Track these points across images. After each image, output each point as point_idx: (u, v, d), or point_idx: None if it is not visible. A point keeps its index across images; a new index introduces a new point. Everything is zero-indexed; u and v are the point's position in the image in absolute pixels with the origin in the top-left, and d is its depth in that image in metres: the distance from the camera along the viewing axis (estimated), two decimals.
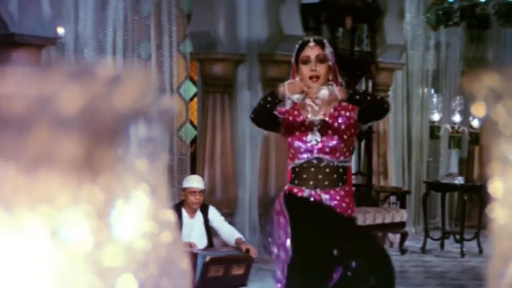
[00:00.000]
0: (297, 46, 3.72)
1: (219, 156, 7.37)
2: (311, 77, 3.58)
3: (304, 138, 3.69)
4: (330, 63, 3.63)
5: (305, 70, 3.61)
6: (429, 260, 8.18)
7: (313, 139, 3.68)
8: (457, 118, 8.63)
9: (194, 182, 6.31)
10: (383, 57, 8.82)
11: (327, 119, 3.69)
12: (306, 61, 3.62)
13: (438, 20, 8.14)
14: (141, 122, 0.61)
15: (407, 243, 8.52)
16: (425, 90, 10.15)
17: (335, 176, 3.69)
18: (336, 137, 3.65)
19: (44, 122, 0.49)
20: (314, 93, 3.57)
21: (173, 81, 7.70)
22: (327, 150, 3.66)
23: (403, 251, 8.40)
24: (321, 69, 3.59)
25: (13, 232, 0.50)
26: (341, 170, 3.71)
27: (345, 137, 3.67)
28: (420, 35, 9.85)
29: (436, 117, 8.74)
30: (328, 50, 3.66)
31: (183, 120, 7.92)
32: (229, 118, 7.43)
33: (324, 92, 3.54)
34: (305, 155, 3.67)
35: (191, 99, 8.04)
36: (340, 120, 3.68)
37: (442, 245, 8.67)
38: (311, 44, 3.64)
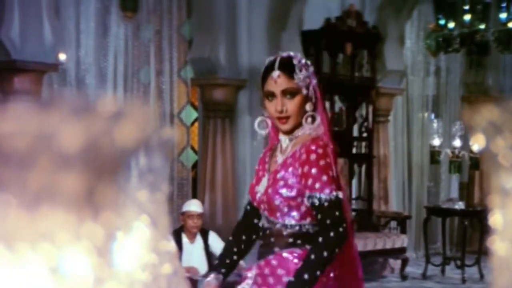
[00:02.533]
0: (263, 69, 2.76)
1: (220, 181, 7.37)
2: (279, 118, 2.66)
3: (256, 188, 2.74)
4: (304, 91, 2.67)
5: (271, 108, 2.68)
6: (430, 286, 8.14)
7: (260, 188, 2.71)
8: (457, 143, 8.64)
9: (192, 206, 6.31)
10: (383, 82, 8.85)
11: (279, 162, 2.68)
12: (270, 96, 2.68)
13: (438, 46, 8.19)
14: (142, 154, 0.62)
15: (408, 269, 8.48)
16: (425, 115, 10.18)
17: (272, 239, 2.68)
18: (276, 190, 2.63)
19: (45, 158, 0.49)
20: None
21: (174, 106, 7.73)
22: (266, 205, 2.67)
23: (404, 277, 8.36)
24: (291, 106, 2.65)
25: (13, 269, 0.50)
26: (290, 239, 2.64)
27: (289, 194, 2.62)
28: (420, 61, 9.90)
29: (436, 142, 8.75)
30: (301, 75, 2.68)
31: (184, 145, 7.93)
32: (229, 143, 7.44)
33: None
34: None
35: (192, 124, 8.06)
36: (289, 170, 2.63)
37: (443, 271, 8.63)
38: (275, 74, 2.66)
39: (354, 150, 8.72)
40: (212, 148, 7.41)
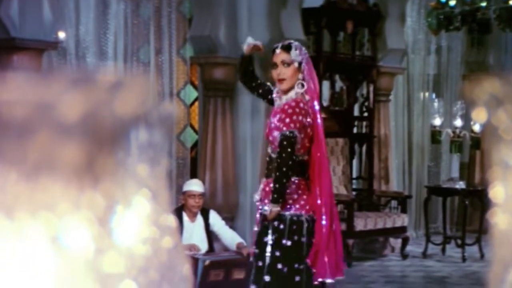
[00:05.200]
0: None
1: (220, 161, 7.37)
2: (278, 80, 4.09)
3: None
4: (296, 64, 4.05)
5: (274, 74, 4.11)
6: (431, 265, 8.17)
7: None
8: (458, 122, 8.63)
9: (194, 185, 6.33)
10: (384, 61, 8.82)
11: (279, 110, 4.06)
12: (274, 66, 4.11)
13: (439, 24, 8.15)
14: (142, 128, 0.61)
15: (408, 248, 8.52)
16: (426, 94, 10.16)
17: (271, 166, 4.07)
18: (270, 129, 4.07)
19: (45, 128, 0.49)
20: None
21: (173, 85, 7.71)
22: (267, 139, 4.16)
23: (404, 256, 8.40)
24: (287, 71, 4.06)
25: (14, 239, 0.50)
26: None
27: (275, 133, 4.03)
28: (421, 39, 9.86)
29: (437, 121, 8.74)
30: (296, 52, 4.06)
31: (183, 124, 7.93)
32: (230, 122, 7.44)
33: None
34: None
35: (192, 103, 8.04)
36: (277, 117, 4.02)
37: (443, 250, 8.66)
38: (277, 51, 4.12)
39: (354, 130, 8.72)
40: (213, 128, 7.41)
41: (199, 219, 6.30)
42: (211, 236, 6.34)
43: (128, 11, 7.32)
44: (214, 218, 6.37)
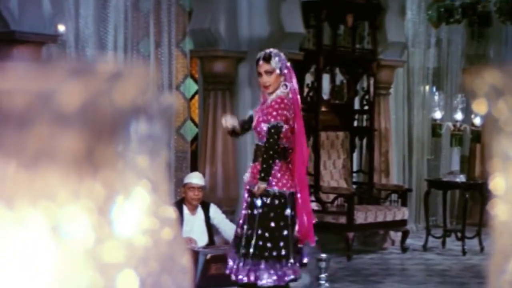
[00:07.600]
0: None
1: (220, 154, 7.37)
2: (264, 87, 4.96)
3: (254, 120, 5.07)
4: (277, 70, 4.89)
5: (260, 81, 5.01)
6: (431, 258, 8.18)
7: (255, 121, 5.06)
8: (458, 116, 8.63)
9: (193, 178, 6.34)
10: (384, 54, 8.81)
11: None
12: (259, 75, 4.99)
13: (440, 17, 8.14)
14: (141, 119, 0.61)
15: (408, 241, 8.53)
16: (427, 87, 10.14)
17: (258, 152, 4.96)
18: (259, 123, 4.96)
19: (45, 118, 0.49)
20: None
21: (172, 78, 7.69)
22: (255, 131, 5.05)
23: (404, 249, 8.41)
24: (270, 79, 4.93)
25: (13, 228, 0.50)
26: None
27: (263, 126, 4.93)
28: (421, 32, 9.84)
29: (437, 115, 8.74)
30: (276, 60, 4.92)
31: (183, 117, 7.92)
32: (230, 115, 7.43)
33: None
34: None
35: (192, 96, 8.04)
36: (265, 112, 4.89)
37: (443, 243, 8.67)
38: (260, 62, 4.99)
39: (355, 123, 8.71)
40: (213, 121, 7.40)
41: (200, 212, 6.31)
42: (211, 229, 6.35)
43: (128, 4, 7.31)
44: (215, 211, 6.37)
